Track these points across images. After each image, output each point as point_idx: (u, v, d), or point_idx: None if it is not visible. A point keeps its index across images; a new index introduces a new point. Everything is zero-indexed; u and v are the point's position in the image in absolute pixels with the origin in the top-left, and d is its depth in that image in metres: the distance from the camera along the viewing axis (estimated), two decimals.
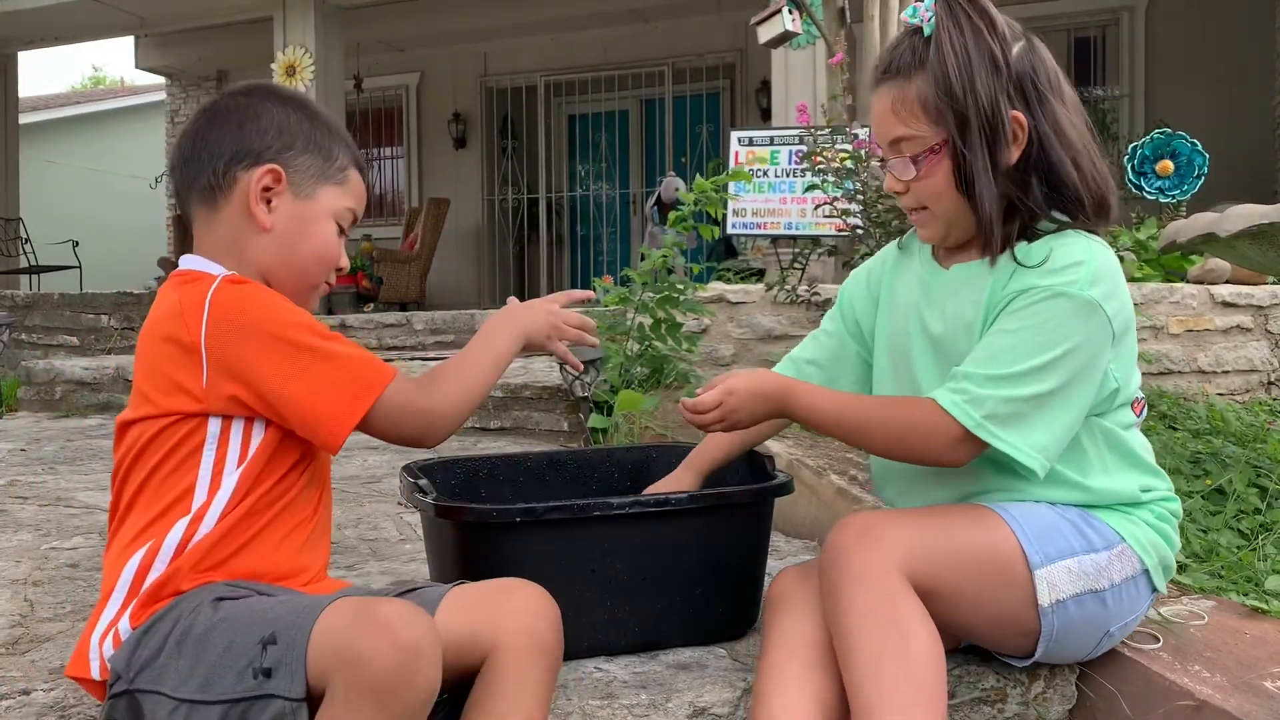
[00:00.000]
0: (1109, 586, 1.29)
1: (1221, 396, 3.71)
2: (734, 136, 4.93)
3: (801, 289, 3.77)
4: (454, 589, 1.21)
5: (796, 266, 4.16)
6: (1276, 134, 7.01)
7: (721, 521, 1.47)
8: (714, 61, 9.36)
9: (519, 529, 1.37)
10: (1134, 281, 3.96)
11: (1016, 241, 1.32)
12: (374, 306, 8.08)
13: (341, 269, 1.31)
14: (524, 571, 1.37)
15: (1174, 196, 4.44)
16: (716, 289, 4.04)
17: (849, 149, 3.75)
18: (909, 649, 1.16)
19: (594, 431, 3.28)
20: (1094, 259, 1.28)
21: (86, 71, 40.00)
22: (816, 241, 4.42)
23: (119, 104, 15.42)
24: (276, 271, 1.25)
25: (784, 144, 4.81)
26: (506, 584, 1.23)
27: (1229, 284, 3.91)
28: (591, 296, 1.35)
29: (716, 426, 1.37)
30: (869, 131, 4.04)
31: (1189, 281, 3.97)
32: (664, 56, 9.48)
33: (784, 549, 2.11)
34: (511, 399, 3.76)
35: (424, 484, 1.49)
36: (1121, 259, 3.88)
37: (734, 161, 4.84)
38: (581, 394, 3.31)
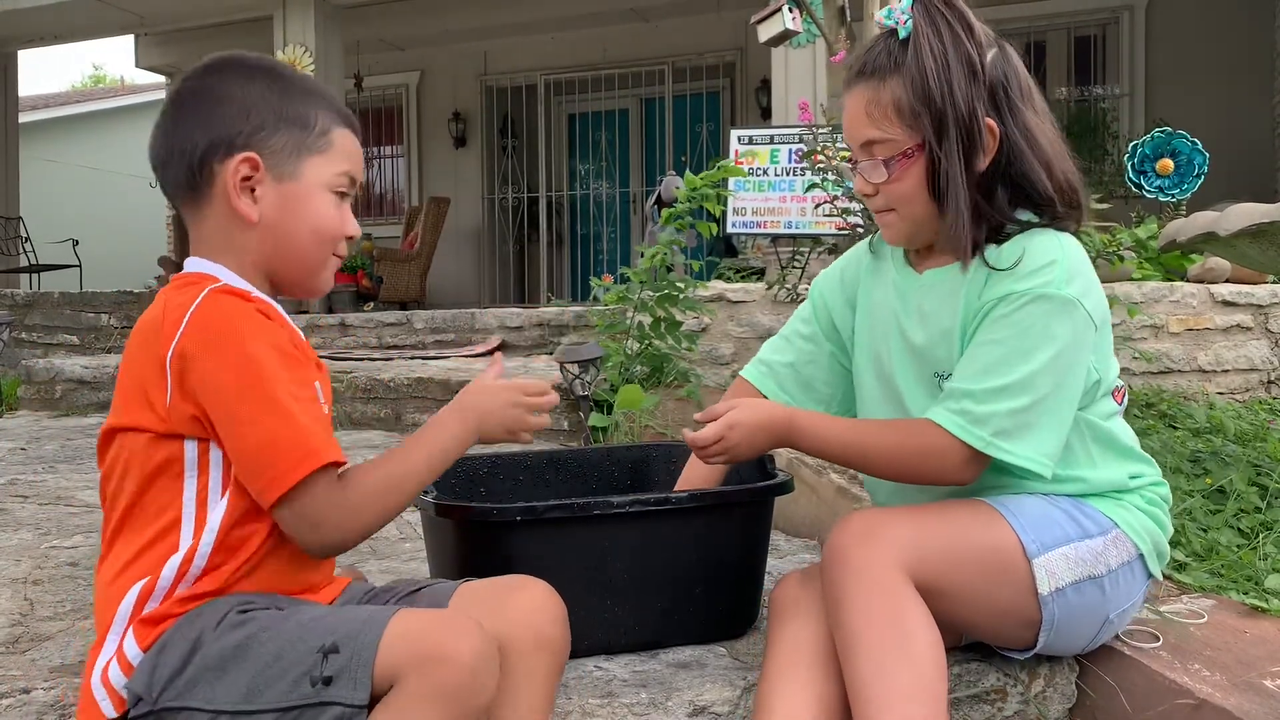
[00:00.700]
0: (1106, 572, 1.31)
1: (1221, 395, 3.72)
2: (734, 135, 4.93)
3: (802, 288, 3.77)
4: (462, 585, 1.20)
5: (796, 265, 4.16)
6: (1276, 133, 7.00)
7: (722, 520, 1.48)
8: (714, 60, 9.36)
9: (519, 528, 1.37)
10: (1134, 281, 3.96)
11: (986, 245, 1.32)
12: (374, 306, 8.07)
13: (352, 237, 1.22)
14: (524, 570, 1.37)
15: (1174, 195, 4.44)
16: (716, 288, 4.04)
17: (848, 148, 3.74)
18: (912, 647, 1.16)
19: (594, 430, 3.28)
20: (1065, 256, 1.29)
21: (87, 70, 40.00)
22: (817, 240, 4.42)
23: (119, 103, 15.40)
24: (276, 261, 1.18)
25: (784, 143, 4.80)
26: (514, 581, 1.22)
27: (1229, 283, 3.91)
28: (554, 401, 1.25)
29: (718, 460, 1.37)
30: None
31: (1189, 280, 3.97)
32: (664, 55, 9.48)
33: (784, 548, 2.11)
34: None
35: None
36: (1121, 258, 3.90)
37: (734, 161, 4.83)
38: (581, 393, 3.31)
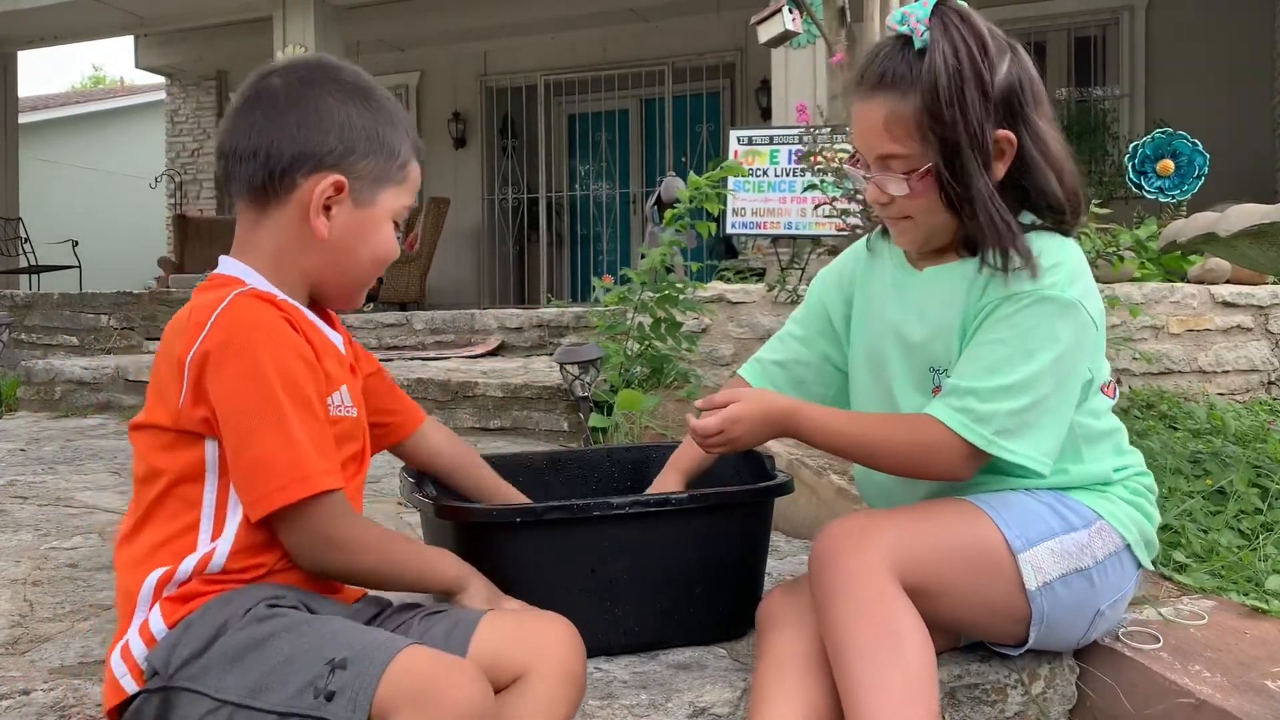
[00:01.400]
0: (1093, 564, 1.31)
1: (1222, 396, 3.72)
2: (734, 136, 4.92)
3: (801, 288, 3.77)
4: (489, 614, 1.20)
5: (796, 266, 4.16)
6: (1276, 134, 7.00)
7: (722, 521, 1.47)
8: (714, 61, 9.36)
9: (519, 529, 1.37)
10: (1134, 281, 3.96)
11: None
12: (373, 306, 8.06)
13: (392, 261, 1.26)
14: (524, 571, 1.37)
15: (1174, 196, 4.44)
16: (716, 288, 4.04)
17: (849, 148, 3.74)
18: (903, 649, 1.17)
19: (594, 431, 3.28)
20: (1068, 259, 1.30)
21: (86, 71, 40.00)
22: (816, 241, 4.42)
23: (119, 104, 15.41)
24: (330, 276, 1.21)
25: (784, 143, 4.80)
26: (540, 615, 1.23)
27: (1229, 284, 3.91)
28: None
29: (720, 450, 1.38)
30: None
31: (1189, 281, 3.97)
32: (664, 56, 9.48)
33: (784, 549, 2.11)
34: (511, 399, 3.76)
35: (424, 483, 1.50)
36: (1121, 259, 3.89)
37: (734, 160, 4.83)
38: (581, 394, 3.31)
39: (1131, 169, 4.49)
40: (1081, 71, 8.11)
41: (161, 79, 11.75)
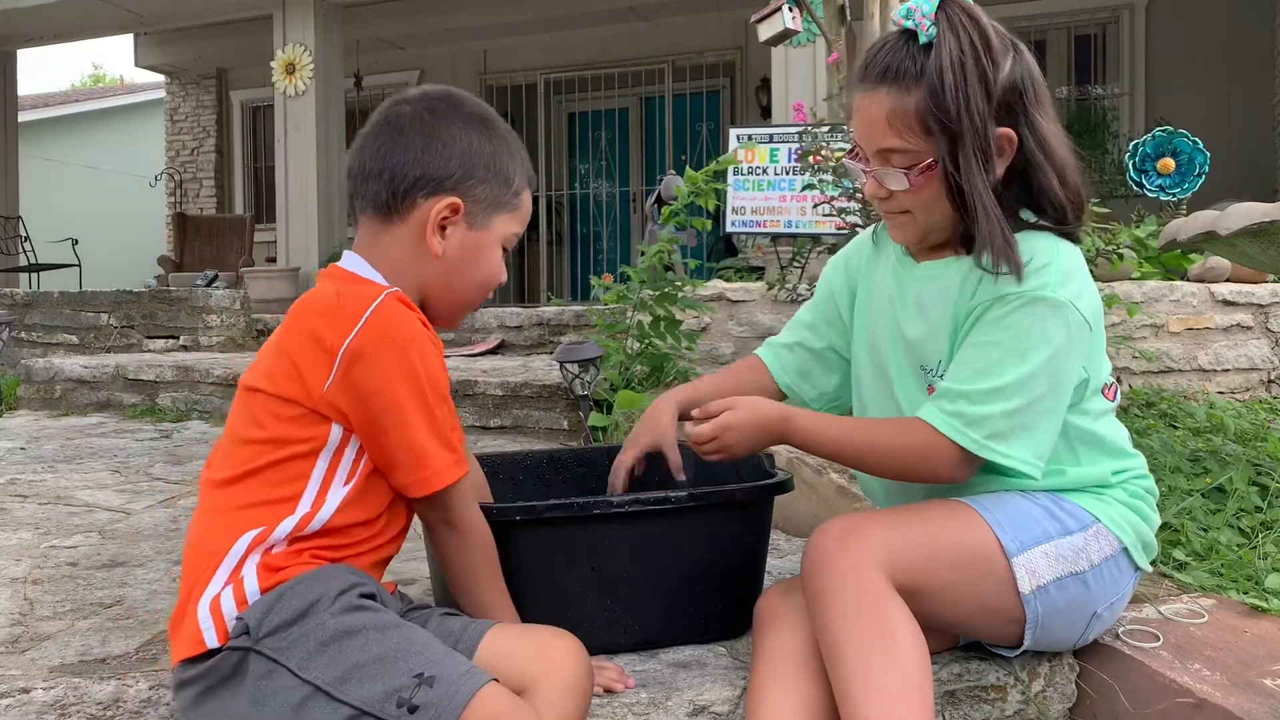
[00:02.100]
0: (1089, 568, 1.31)
1: (1222, 395, 3.71)
2: (733, 134, 4.92)
3: (801, 287, 3.77)
4: (496, 628, 1.23)
5: (796, 265, 4.16)
6: (1276, 132, 7.00)
7: (722, 519, 1.47)
8: (714, 59, 9.36)
9: (519, 527, 1.37)
10: (1134, 280, 3.95)
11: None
12: None
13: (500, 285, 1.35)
14: (523, 569, 1.37)
15: (1174, 194, 4.43)
16: (716, 287, 4.04)
17: (848, 146, 3.74)
18: (896, 648, 1.17)
19: (594, 430, 3.28)
20: (1059, 258, 1.29)
21: (86, 69, 40.00)
22: (816, 240, 4.42)
23: (119, 102, 15.40)
24: (438, 293, 1.28)
25: (783, 142, 4.80)
26: (550, 633, 1.24)
27: (1229, 282, 3.91)
28: None
29: (714, 457, 1.39)
30: None
31: (1189, 280, 3.96)
32: (664, 54, 9.48)
33: (784, 547, 2.11)
34: (511, 397, 3.76)
35: None
36: (1121, 257, 3.89)
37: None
38: (581, 392, 3.31)
39: (1132, 167, 4.49)
40: (1082, 69, 8.11)
41: (161, 77, 11.76)
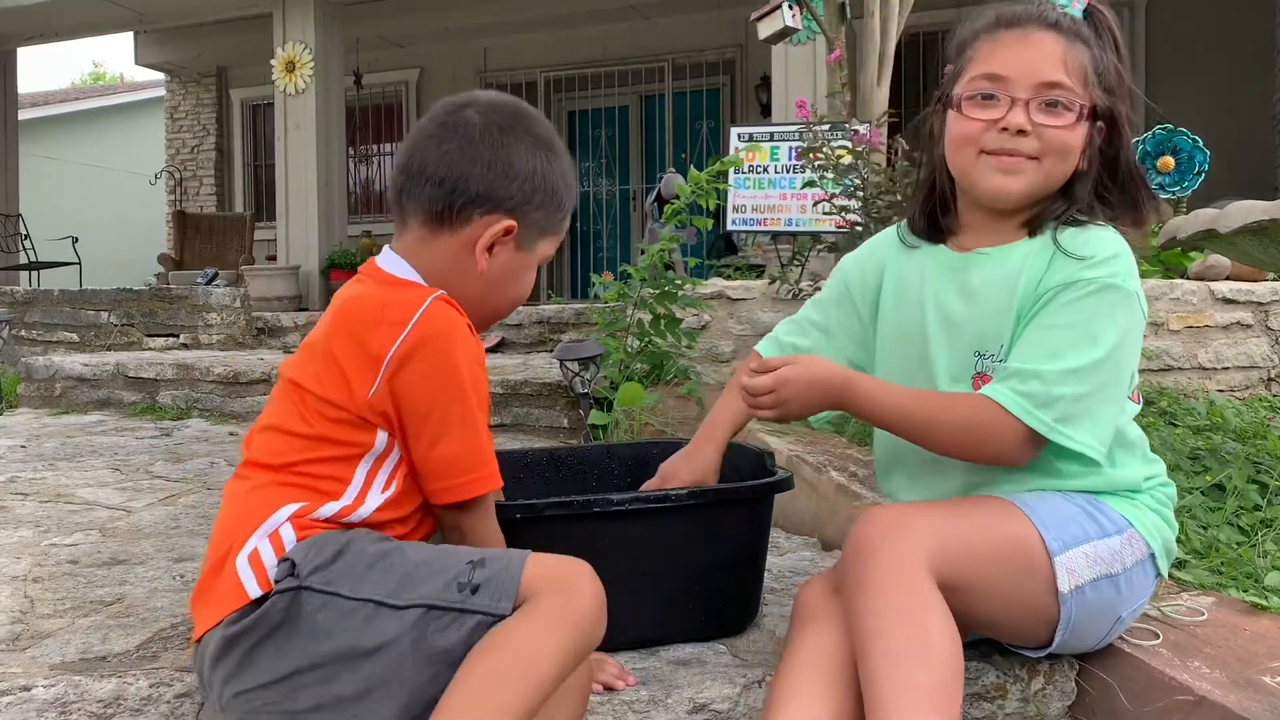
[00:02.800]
0: (1122, 570, 1.31)
1: (1222, 393, 3.71)
2: (734, 133, 4.92)
3: (802, 285, 3.77)
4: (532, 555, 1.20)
5: (797, 263, 4.16)
6: (1276, 131, 7.00)
7: (722, 518, 1.48)
8: (714, 57, 9.35)
9: (519, 526, 1.37)
10: None
11: (1059, 228, 1.35)
12: None
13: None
14: None
15: (1175, 193, 4.44)
16: (717, 285, 4.04)
17: (848, 144, 3.74)
18: (930, 649, 1.15)
19: (594, 428, 3.28)
20: (1125, 251, 1.32)
21: (86, 68, 39.92)
22: (816, 238, 4.42)
23: (119, 100, 15.40)
24: (473, 306, 1.26)
25: (784, 140, 4.80)
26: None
27: (1229, 280, 3.91)
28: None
29: (767, 414, 1.35)
30: (868, 127, 4.03)
31: (1189, 278, 3.96)
32: (664, 52, 9.47)
33: (784, 545, 2.11)
34: (511, 395, 3.76)
35: None
36: None
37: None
38: (581, 390, 3.31)
39: None
40: None
41: (161, 75, 11.76)
